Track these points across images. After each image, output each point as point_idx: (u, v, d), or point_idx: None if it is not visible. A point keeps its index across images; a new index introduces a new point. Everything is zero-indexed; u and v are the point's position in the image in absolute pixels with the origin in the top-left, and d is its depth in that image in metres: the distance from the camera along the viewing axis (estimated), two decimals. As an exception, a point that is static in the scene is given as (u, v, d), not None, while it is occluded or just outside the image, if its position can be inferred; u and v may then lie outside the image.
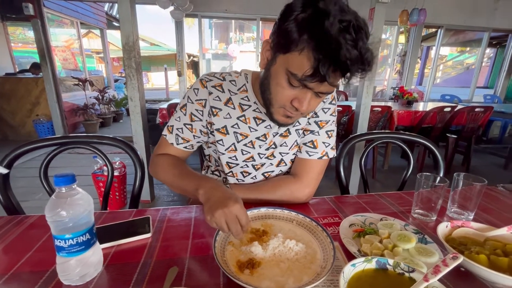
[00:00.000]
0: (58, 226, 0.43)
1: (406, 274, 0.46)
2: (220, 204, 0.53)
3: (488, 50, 7.76)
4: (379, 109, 2.71)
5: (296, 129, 0.78)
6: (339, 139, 2.79)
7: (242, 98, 0.75)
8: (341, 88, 5.07)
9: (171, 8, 3.26)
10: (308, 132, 0.78)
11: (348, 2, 0.53)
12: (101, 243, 0.53)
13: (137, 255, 0.55)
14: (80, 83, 4.47)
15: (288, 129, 0.77)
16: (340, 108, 2.64)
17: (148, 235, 0.60)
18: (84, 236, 0.45)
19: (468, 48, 8.20)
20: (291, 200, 0.76)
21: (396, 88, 3.97)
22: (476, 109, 2.88)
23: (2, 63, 5.43)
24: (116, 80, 7.44)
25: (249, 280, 0.47)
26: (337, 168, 0.98)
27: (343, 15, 0.49)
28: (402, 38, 5.59)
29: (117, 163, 2.16)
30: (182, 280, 0.48)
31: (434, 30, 5.59)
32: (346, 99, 4.21)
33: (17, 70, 5.28)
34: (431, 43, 7.00)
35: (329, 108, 0.78)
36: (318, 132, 0.78)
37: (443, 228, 0.60)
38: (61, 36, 5.59)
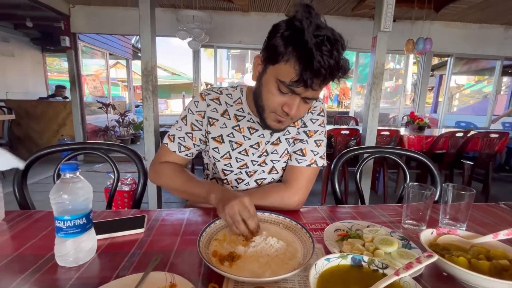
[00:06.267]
0: (59, 207, 0.49)
1: (380, 271, 0.47)
2: (232, 198, 0.62)
3: (505, 79, 7.65)
4: (387, 133, 2.70)
5: (286, 138, 0.83)
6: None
7: (237, 110, 0.82)
8: (351, 114, 5.13)
9: (189, 39, 3.56)
10: (298, 141, 0.83)
11: (337, 29, 0.62)
12: (97, 234, 0.58)
13: (129, 246, 0.59)
14: (104, 106, 4.82)
15: (279, 138, 0.83)
16: (348, 132, 2.66)
17: (141, 230, 0.65)
18: (81, 219, 0.51)
19: (486, 77, 8.12)
20: (281, 207, 0.78)
21: (407, 115, 3.96)
22: (491, 135, 2.80)
23: (37, 89, 6.03)
24: (137, 106, 7.92)
25: (227, 271, 0.49)
26: (332, 180, 0.99)
27: (320, 30, 0.58)
28: (416, 68, 5.70)
29: (128, 179, 2.25)
30: (165, 268, 0.51)
31: (446, 58, 5.65)
32: (357, 124, 4.23)
33: (49, 94, 5.82)
34: (444, 72, 7.03)
35: (317, 119, 0.83)
36: (306, 141, 0.82)
37: (427, 234, 0.60)
38: (91, 67, 6.16)
